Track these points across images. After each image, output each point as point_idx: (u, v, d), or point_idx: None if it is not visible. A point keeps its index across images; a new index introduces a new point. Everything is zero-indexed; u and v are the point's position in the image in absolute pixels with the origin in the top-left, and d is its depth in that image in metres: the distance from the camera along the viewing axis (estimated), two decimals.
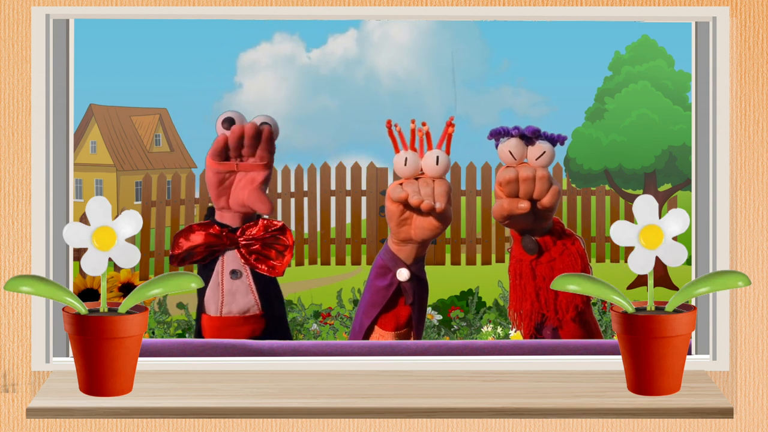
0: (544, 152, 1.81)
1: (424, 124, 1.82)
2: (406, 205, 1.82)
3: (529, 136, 1.82)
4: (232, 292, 1.88)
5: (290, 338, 1.94)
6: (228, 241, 1.87)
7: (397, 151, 1.82)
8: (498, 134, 1.83)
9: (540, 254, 1.85)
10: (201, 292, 1.89)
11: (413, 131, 1.81)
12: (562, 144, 1.81)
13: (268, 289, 1.90)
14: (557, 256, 1.85)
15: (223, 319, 1.88)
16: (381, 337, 1.88)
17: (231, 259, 1.88)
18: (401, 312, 1.88)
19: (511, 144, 1.81)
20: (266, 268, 1.88)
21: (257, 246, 1.87)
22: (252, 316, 1.89)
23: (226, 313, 1.88)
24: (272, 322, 1.91)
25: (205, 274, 1.89)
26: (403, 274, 1.85)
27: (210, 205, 1.91)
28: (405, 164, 1.81)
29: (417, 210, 1.82)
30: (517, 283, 1.88)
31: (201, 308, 1.91)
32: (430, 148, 1.82)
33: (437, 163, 1.81)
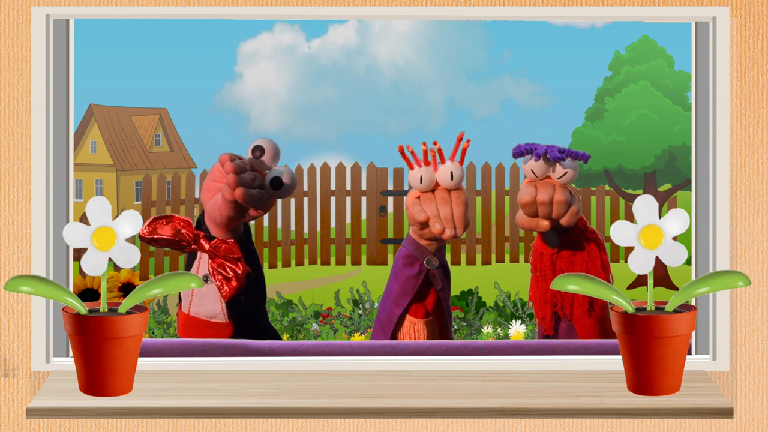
0: (566, 173, 1.83)
1: (435, 143, 1.85)
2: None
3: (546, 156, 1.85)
4: (202, 295, 1.87)
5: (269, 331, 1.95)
6: (198, 246, 1.85)
7: (411, 168, 1.85)
8: (521, 154, 1.86)
9: (561, 249, 1.88)
10: None
11: (425, 152, 1.84)
12: (585, 162, 1.84)
13: (248, 296, 1.88)
14: (578, 251, 1.89)
15: (189, 317, 1.88)
16: (412, 325, 1.91)
17: (206, 263, 1.87)
18: (429, 299, 1.91)
19: (533, 163, 1.84)
20: (219, 284, 1.85)
21: (218, 260, 1.85)
22: (217, 323, 1.88)
23: (194, 314, 1.88)
24: (240, 332, 1.89)
25: (189, 262, 1.89)
26: (433, 263, 1.89)
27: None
28: (421, 182, 1.84)
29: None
30: (537, 276, 1.92)
31: (179, 298, 1.91)
32: (443, 161, 1.85)
33: (452, 179, 1.84)
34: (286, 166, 1.86)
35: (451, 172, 1.84)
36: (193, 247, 1.85)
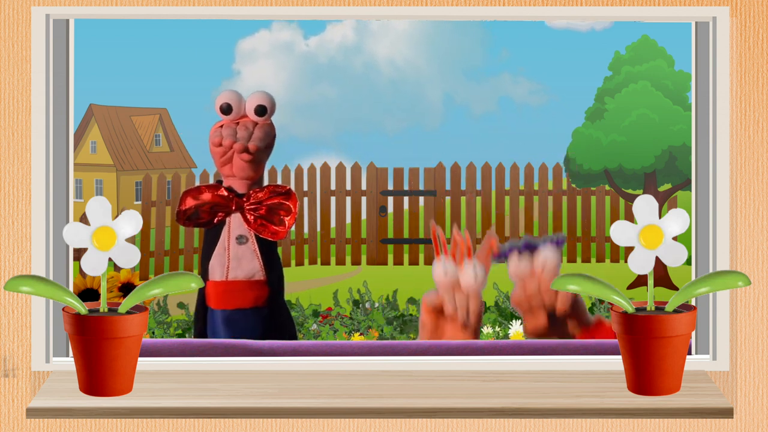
0: (546, 262, 1.87)
1: (467, 235, 1.89)
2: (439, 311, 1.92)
3: (524, 250, 1.90)
4: (238, 257, 1.93)
5: (287, 310, 1.99)
6: (234, 204, 1.91)
7: (437, 253, 1.89)
8: (502, 257, 1.91)
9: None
10: (205, 260, 1.93)
11: (455, 243, 1.89)
12: (560, 245, 1.88)
13: (272, 256, 1.95)
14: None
15: (229, 283, 1.93)
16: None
17: (237, 225, 1.93)
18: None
19: (514, 263, 1.87)
20: (269, 234, 1.93)
21: (262, 210, 1.91)
22: (257, 281, 1.94)
23: (232, 278, 1.94)
24: (276, 290, 1.96)
25: (211, 237, 1.93)
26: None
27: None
28: (445, 275, 1.90)
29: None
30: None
31: (205, 276, 1.95)
32: (469, 257, 1.90)
33: (475, 281, 1.89)
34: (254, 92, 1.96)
35: (476, 275, 1.89)
36: (224, 211, 1.91)
